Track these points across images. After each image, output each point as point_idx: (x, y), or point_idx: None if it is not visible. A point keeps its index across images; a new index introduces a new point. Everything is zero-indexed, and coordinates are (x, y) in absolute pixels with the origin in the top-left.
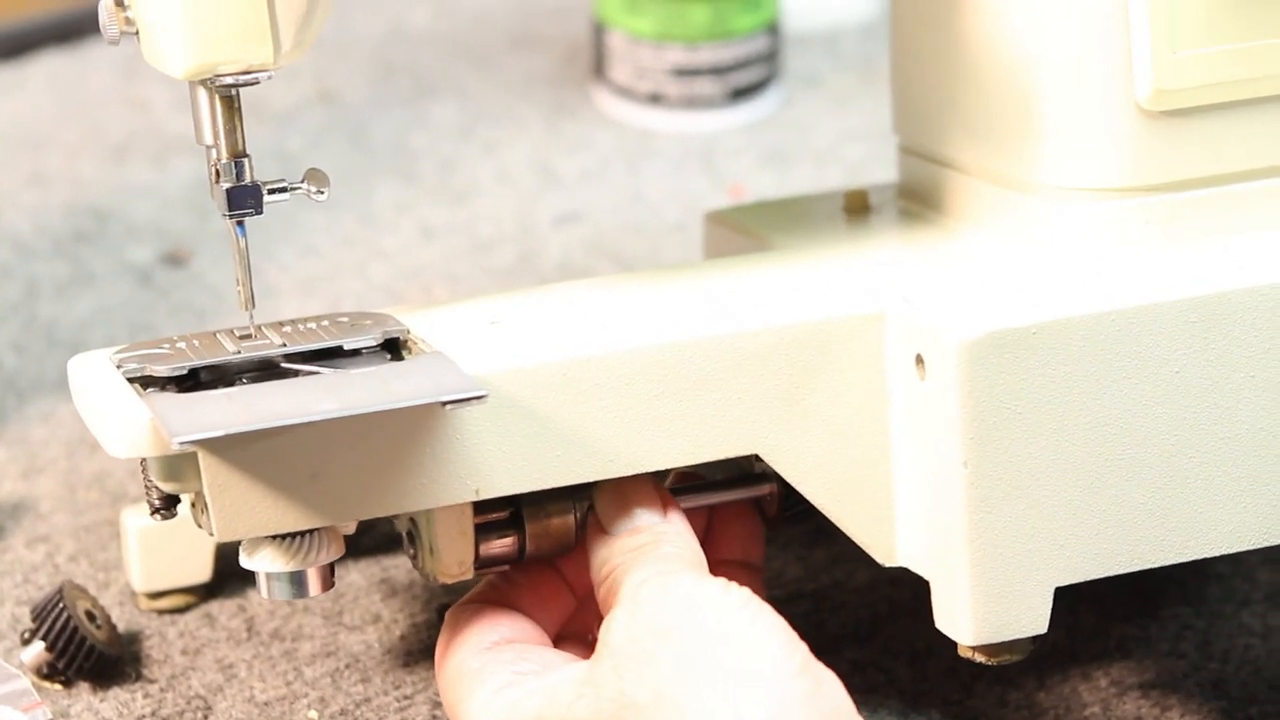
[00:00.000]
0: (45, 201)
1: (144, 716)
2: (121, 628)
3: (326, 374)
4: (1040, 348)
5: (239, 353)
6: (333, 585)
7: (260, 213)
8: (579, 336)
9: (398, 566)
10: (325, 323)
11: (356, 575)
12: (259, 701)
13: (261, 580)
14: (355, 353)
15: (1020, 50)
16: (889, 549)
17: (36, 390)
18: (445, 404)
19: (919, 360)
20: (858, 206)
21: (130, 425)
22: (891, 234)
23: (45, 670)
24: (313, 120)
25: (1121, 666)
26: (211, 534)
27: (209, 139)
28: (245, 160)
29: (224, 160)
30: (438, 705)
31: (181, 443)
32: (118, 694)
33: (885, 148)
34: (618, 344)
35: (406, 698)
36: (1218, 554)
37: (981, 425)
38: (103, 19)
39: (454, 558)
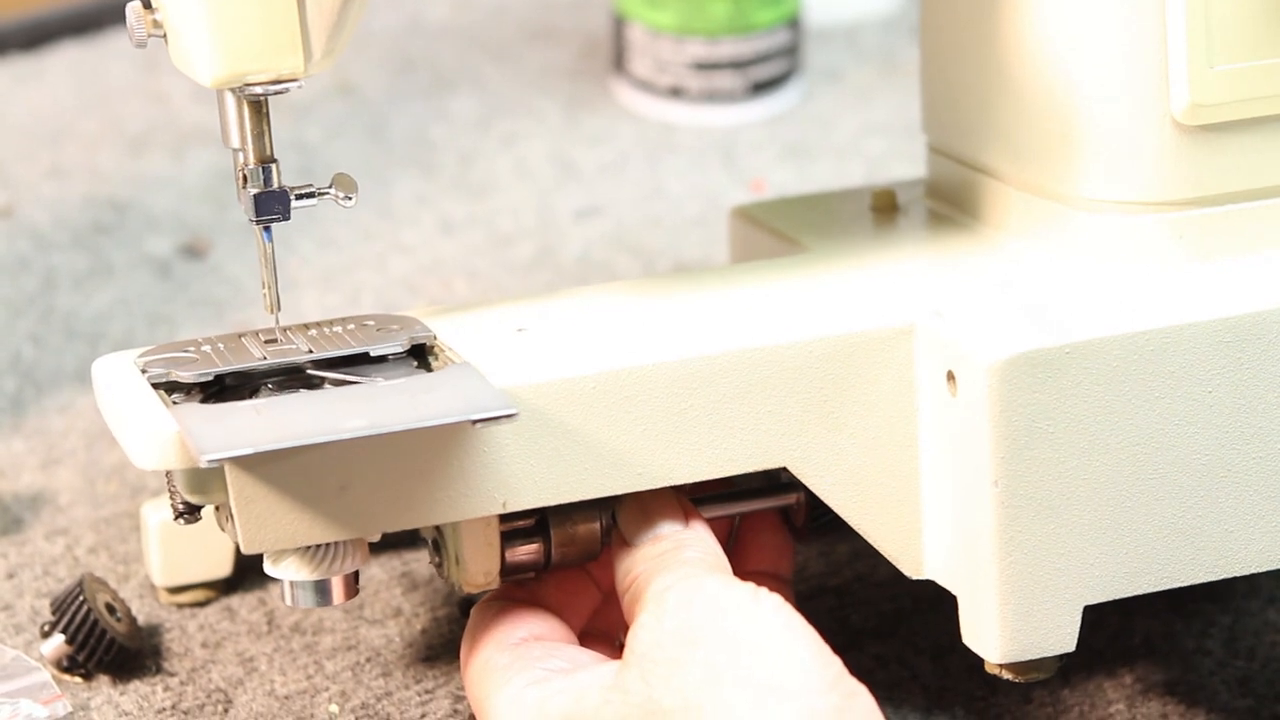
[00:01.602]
0: (64, 193)
1: (164, 709)
2: (142, 620)
3: (354, 386)
4: (1073, 367)
5: (265, 358)
6: (357, 593)
7: (287, 218)
8: (608, 349)
9: (419, 560)
10: (351, 326)
11: (377, 569)
12: (279, 695)
13: (285, 588)
14: (381, 359)
15: (1056, 61)
16: (916, 562)
17: (55, 382)
18: (475, 422)
19: (950, 377)
20: (885, 206)
21: (157, 437)
22: (921, 239)
23: (65, 663)
24: (332, 113)
25: (1146, 664)
26: (237, 544)
27: (236, 143)
28: (273, 165)
29: (251, 165)
30: (459, 699)
31: (210, 461)
32: (138, 687)
33: (906, 142)
34: (647, 357)
35: (428, 692)
36: (1248, 573)
37: (1013, 444)
38: (130, 20)
39: (479, 568)
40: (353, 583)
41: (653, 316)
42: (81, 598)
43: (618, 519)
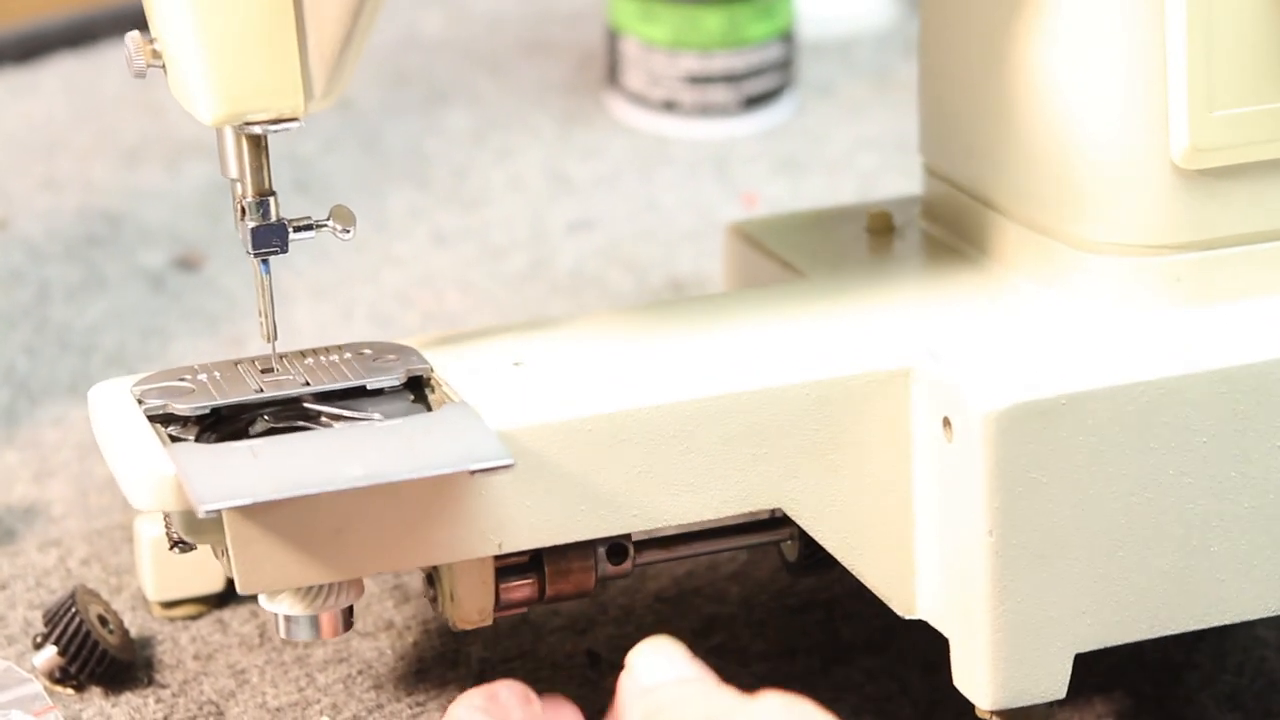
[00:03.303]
0: (57, 205)
1: None
2: (134, 632)
3: (351, 427)
4: (1069, 417)
5: (261, 390)
6: (351, 626)
7: (285, 251)
8: (605, 389)
9: (410, 574)
10: (348, 355)
11: (369, 582)
12: (271, 707)
13: (280, 620)
14: (378, 391)
15: (1057, 99)
16: (908, 602)
17: (48, 394)
18: (473, 472)
19: (946, 422)
20: (881, 228)
21: (154, 480)
22: (916, 269)
23: (57, 674)
24: (326, 126)
25: (1136, 677)
26: (231, 578)
27: (234, 174)
28: (271, 198)
29: (250, 198)
30: None
31: (208, 511)
32: (130, 699)
33: (899, 157)
34: (644, 399)
35: (419, 704)
36: (1239, 620)
37: (1008, 494)
38: (129, 49)
39: (474, 606)
40: (347, 616)
41: (649, 355)
42: (74, 609)
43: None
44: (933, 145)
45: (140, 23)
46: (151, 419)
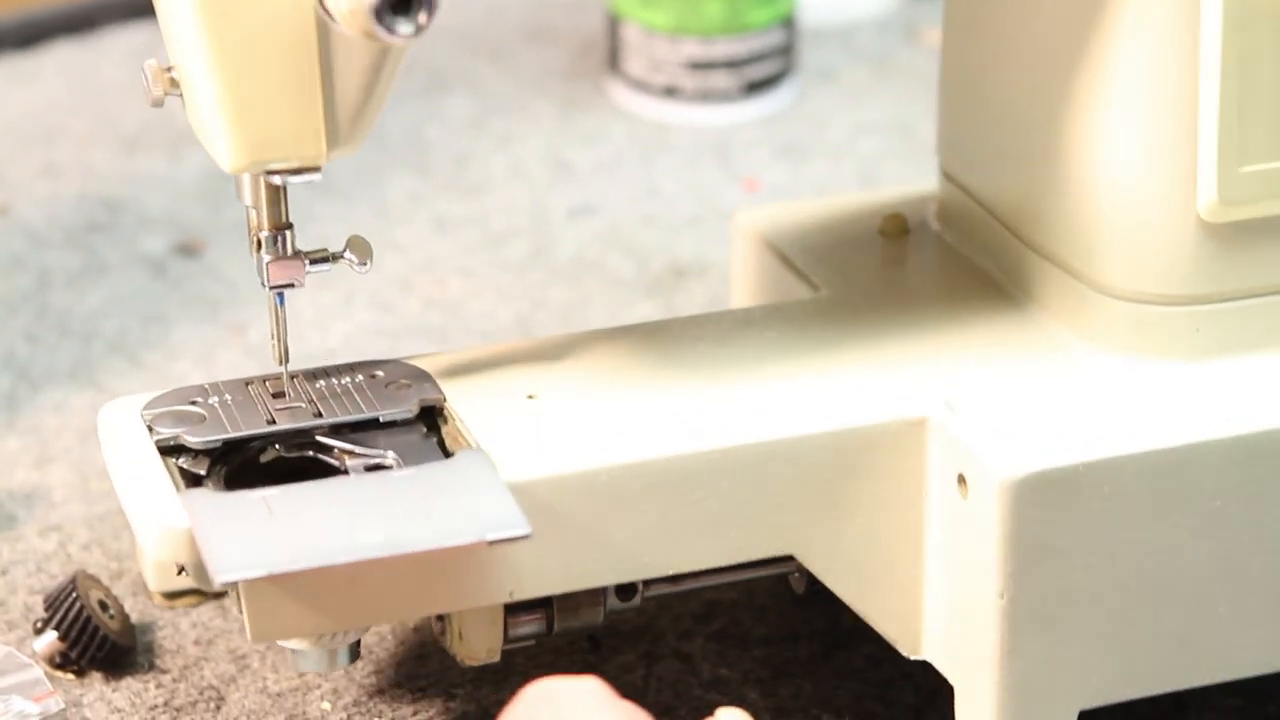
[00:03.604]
0: (58, 192)
1: (156, 707)
2: (134, 618)
3: (366, 480)
4: (1086, 484)
5: (273, 420)
6: (359, 656)
7: (301, 285)
8: (619, 437)
9: None
10: (360, 378)
11: None
12: (272, 692)
13: (289, 654)
14: (391, 423)
15: (1088, 142)
16: (915, 645)
17: (49, 380)
18: (490, 543)
19: (961, 480)
20: (896, 231)
21: (168, 531)
22: (933, 293)
23: (58, 659)
24: None
25: None
26: (242, 625)
27: (249, 202)
28: (288, 231)
29: (266, 232)
30: (451, 697)
31: (225, 582)
32: (130, 684)
33: (900, 143)
34: (659, 449)
35: (420, 690)
36: (1243, 676)
37: (1021, 559)
38: (146, 78)
39: (483, 644)
40: (354, 647)
41: (663, 399)
42: (74, 594)
43: None
44: (953, 154)
45: (142, 10)
46: (163, 450)
